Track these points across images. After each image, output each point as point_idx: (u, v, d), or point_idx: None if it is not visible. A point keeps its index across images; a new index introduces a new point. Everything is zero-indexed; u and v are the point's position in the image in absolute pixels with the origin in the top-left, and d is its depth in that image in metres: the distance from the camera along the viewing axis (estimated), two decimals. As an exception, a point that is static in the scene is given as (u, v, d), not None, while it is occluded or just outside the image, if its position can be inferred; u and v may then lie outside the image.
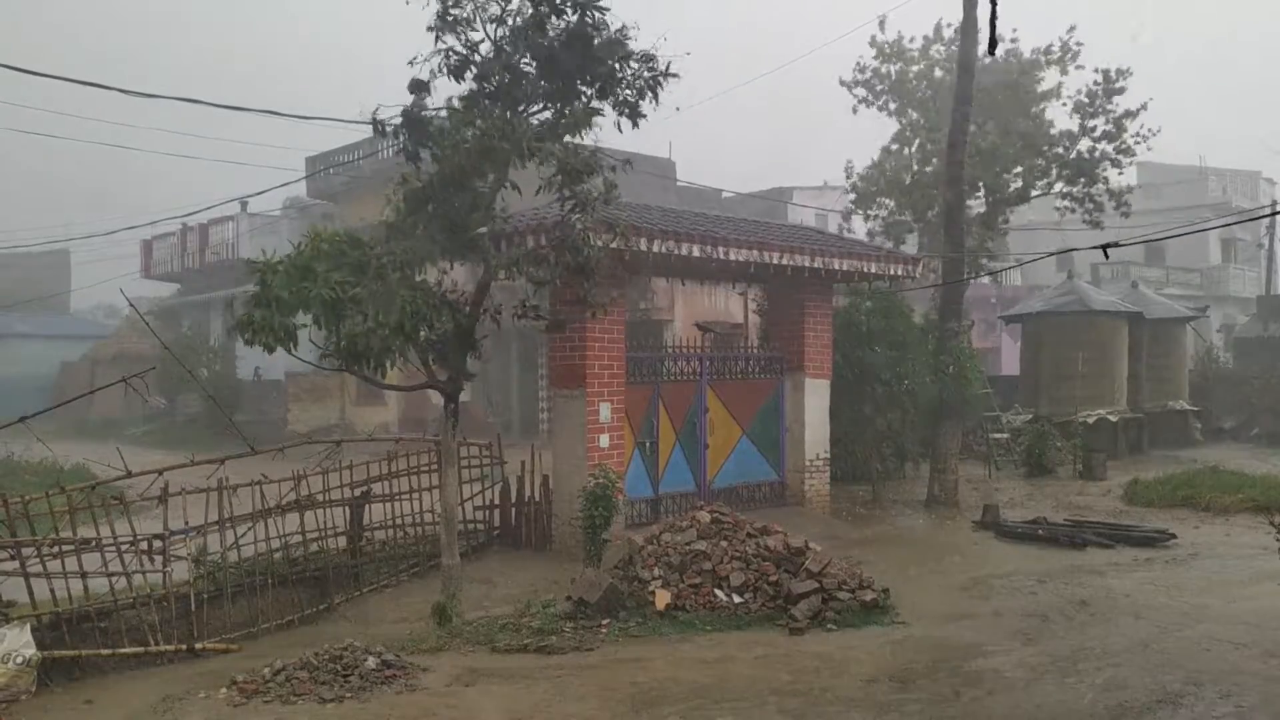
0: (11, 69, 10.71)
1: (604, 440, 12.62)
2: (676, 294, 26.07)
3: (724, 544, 9.97)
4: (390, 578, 11.24)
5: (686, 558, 9.82)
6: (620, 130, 9.99)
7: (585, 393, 12.53)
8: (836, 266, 14.67)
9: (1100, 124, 23.95)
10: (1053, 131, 24.37)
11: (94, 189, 70.74)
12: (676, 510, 13.22)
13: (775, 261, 13.72)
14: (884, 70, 25.97)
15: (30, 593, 8.39)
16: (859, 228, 28.36)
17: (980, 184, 23.27)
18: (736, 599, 9.50)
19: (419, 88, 9.56)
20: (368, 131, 9.77)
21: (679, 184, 32.17)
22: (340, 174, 30.83)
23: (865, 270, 15.34)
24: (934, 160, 23.96)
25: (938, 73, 25.44)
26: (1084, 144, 24.15)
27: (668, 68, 9.59)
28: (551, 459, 12.98)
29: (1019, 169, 24.00)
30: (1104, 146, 23.95)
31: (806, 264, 14.15)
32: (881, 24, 27.50)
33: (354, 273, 9.05)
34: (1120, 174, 24.13)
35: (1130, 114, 23.72)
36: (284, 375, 28.93)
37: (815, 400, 15.57)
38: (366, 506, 11.25)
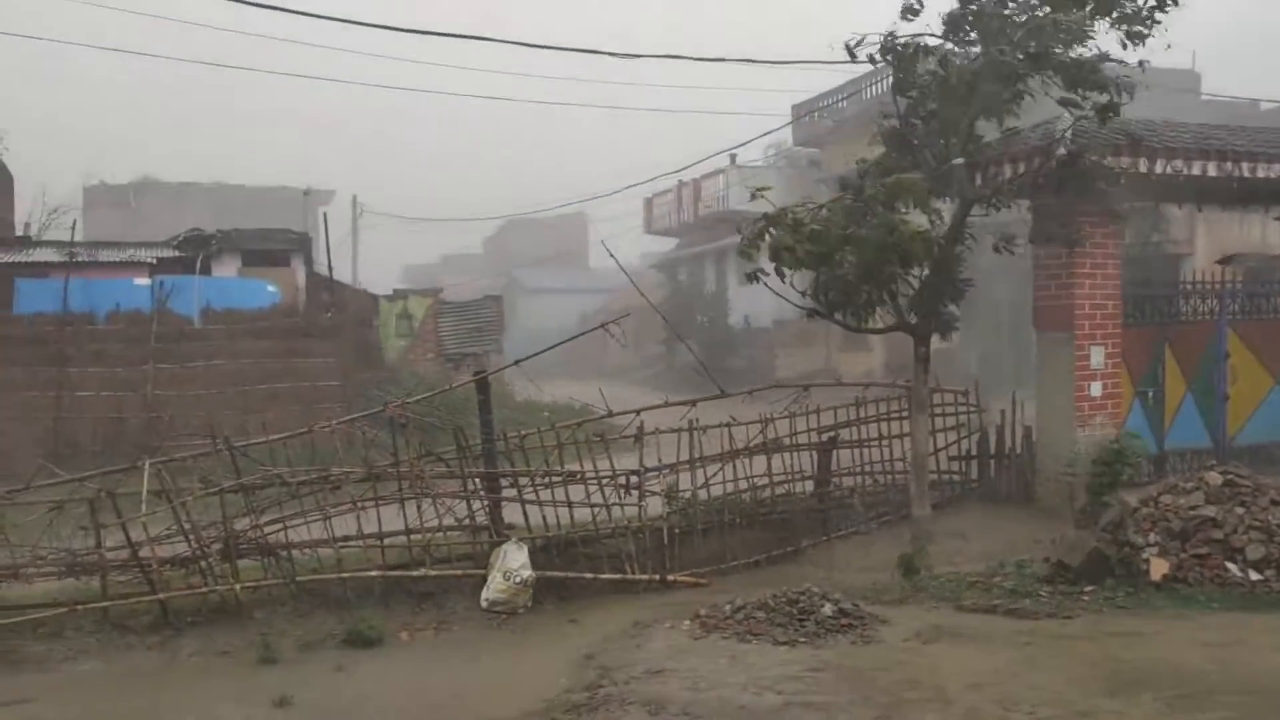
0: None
1: (1095, 388, 11.35)
2: (1197, 223, 22.97)
3: (1239, 510, 8.50)
4: (859, 525, 11.02)
5: (1190, 524, 8.51)
6: (1124, 47, 9.16)
7: (1074, 335, 11.31)
8: None
9: None
10: None
11: (596, 152, 76.71)
12: (1186, 469, 11.53)
13: (1321, 177, 11.47)
14: None
15: (526, 518, 9.34)
16: None
17: None
18: (1254, 575, 8.07)
19: (909, 11, 9.31)
20: (848, 74, 9.92)
21: (1204, 98, 28.27)
22: (824, 119, 30.89)
23: None
24: None
25: None
26: None
27: None
28: (1035, 408, 11.96)
29: None
30: None
31: (1369, 178, 11.66)
32: None
33: (846, 217, 9.16)
34: None
35: None
36: (771, 323, 29.74)
37: (1380, 344, 12.87)
38: (834, 452, 11.11)
